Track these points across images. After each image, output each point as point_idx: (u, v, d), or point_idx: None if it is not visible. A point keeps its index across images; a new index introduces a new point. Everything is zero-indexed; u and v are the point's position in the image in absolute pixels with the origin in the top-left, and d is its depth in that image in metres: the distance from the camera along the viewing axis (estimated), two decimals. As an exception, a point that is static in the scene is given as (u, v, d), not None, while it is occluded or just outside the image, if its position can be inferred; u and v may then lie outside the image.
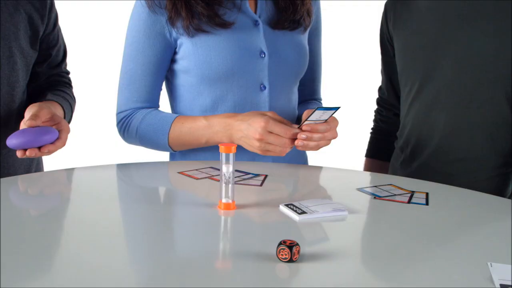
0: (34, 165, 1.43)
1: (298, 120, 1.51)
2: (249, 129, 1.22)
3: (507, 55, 1.31)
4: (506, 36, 1.31)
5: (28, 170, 1.40)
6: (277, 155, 1.23)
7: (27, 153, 1.15)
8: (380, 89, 1.64)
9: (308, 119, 1.18)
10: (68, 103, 1.40)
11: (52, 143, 1.18)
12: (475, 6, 1.35)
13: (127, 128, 1.37)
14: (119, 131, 1.41)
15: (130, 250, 0.84)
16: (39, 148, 1.16)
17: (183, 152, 1.40)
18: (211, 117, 1.30)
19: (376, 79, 1.67)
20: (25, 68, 1.35)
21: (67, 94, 1.42)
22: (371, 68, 2.10)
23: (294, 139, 1.20)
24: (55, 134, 1.18)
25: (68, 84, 1.48)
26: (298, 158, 1.47)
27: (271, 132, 1.20)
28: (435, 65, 1.38)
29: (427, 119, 1.41)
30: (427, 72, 1.40)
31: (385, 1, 1.55)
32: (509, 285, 0.75)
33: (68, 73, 1.51)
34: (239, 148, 1.33)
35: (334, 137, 1.25)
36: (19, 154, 1.16)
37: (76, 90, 1.51)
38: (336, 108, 1.17)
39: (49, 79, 1.44)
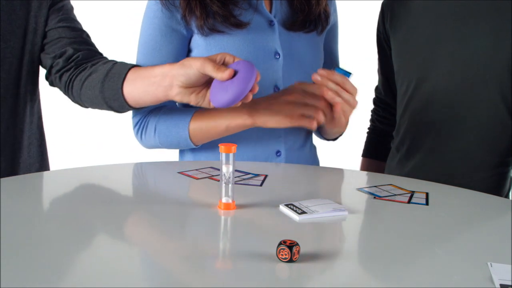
0: (36, 166, 1.42)
1: None
2: (279, 93, 1.21)
3: (503, 55, 1.32)
4: (502, 36, 1.32)
5: (35, 170, 1.40)
6: (309, 124, 1.19)
7: (248, 98, 1.07)
8: (376, 88, 1.65)
9: None
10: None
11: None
12: (471, 5, 1.35)
13: (145, 129, 1.33)
14: (136, 134, 1.36)
15: (129, 250, 0.84)
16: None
17: (194, 152, 1.39)
18: None
19: (373, 79, 1.68)
20: (25, 68, 1.33)
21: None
22: (368, 68, 2.10)
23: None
24: (252, 66, 1.06)
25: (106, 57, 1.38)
26: (310, 160, 1.46)
27: (305, 92, 1.19)
28: (431, 65, 1.39)
29: (423, 118, 1.41)
30: (423, 72, 1.40)
31: (381, 1, 1.55)
32: (509, 285, 0.75)
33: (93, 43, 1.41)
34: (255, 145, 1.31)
35: (354, 105, 1.22)
36: (236, 103, 1.07)
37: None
38: (350, 74, 1.17)
39: (80, 49, 1.33)
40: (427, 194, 1.12)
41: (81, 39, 1.37)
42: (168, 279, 0.75)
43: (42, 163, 1.44)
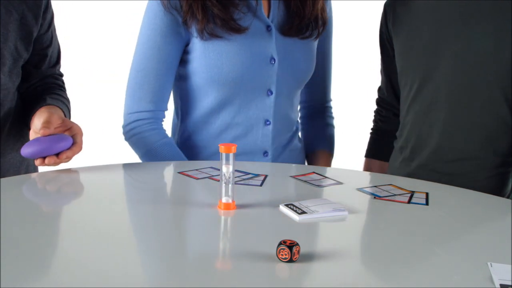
0: (25, 167, 1.42)
1: (300, 122, 1.52)
2: None
3: (506, 55, 1.32)
4: (505, 36, 1.32)
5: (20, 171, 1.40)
6: None
7: (46, 161, 1.15)
8: (379, 89, 1.65)
9: None
10: (67, 107, 1.39)
11: (69, 148, 1.18)
12: (474, 5, 1.35)
13: (136, 136, 1.37)
14: (126, 133, 1.39)
15: (129, 250, 0.84)
16: (57, 155, 1.16)
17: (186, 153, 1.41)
18: None
19: (375, 79, 1.68)
20: (15, 70, 1.33)
21: (64, 98, 1.41)
22: (370, 68, 2.10)
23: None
24: (69, 141, 1.18)
25: (63, 88, 1.47)
26: (299, 158, 1.47)
27: None
28: (435, 65, 1.39)
29: (426, 119, 1.41)
30: (426, 72, 1.40)
31: (384, 1, 1.55)
32: (509, 285, 0.75)
33: (62, 75, 1.49)
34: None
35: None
36: (37, 162, 1.16)
37: (71, 90, 1.50)
38: None
39: (44, 81, 1.42)
40: (427, 194, 1.12)
41: (46, 75, 1.42)
42: (168, 279, 0.75)
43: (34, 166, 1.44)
